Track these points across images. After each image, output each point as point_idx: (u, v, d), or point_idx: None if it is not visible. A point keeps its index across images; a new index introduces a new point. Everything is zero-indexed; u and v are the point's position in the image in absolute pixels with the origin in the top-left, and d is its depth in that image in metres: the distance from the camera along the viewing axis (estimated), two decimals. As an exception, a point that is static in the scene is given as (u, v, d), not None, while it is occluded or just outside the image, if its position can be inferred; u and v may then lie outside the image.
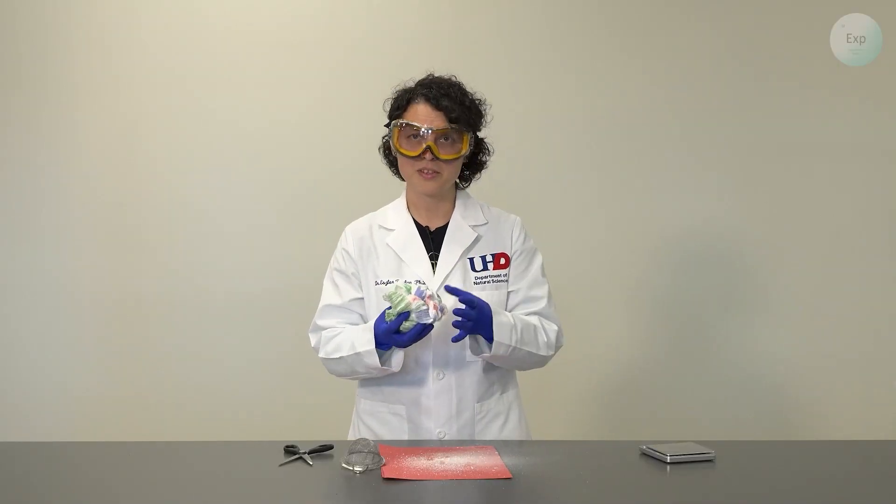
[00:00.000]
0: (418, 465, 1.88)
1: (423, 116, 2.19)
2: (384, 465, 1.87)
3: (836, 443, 2.30)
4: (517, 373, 2.37)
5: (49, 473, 1.90)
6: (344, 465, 1.87)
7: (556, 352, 2.29)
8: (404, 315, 2.07)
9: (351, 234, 2.31)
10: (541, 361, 2.27)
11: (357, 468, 1.85)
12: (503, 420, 2.28)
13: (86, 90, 3.44)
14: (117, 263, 3.46)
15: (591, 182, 3.48)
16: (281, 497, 1.76)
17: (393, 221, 2.30)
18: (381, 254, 2.27)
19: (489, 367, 2.26)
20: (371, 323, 2.17)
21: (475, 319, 2.10)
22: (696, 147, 3.50)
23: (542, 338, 2.24)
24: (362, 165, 3.41)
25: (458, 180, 2.32)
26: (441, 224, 2.30)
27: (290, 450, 1.98)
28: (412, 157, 2.19)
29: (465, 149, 2.22)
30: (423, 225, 2.30)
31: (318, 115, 3.45)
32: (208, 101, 3.45)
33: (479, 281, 2.25)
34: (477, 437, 2.23)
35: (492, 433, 2.25)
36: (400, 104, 2.24)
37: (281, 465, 1.91)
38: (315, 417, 3.25)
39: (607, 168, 3.48)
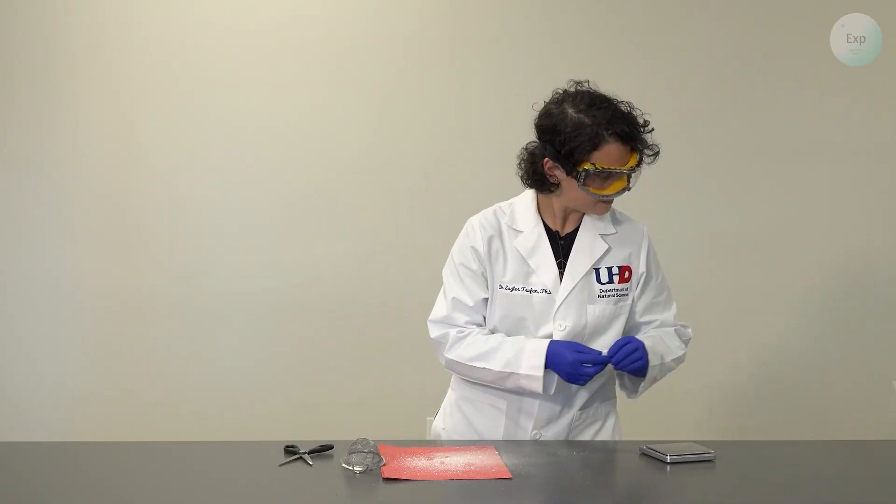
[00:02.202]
0: (418, 465, 1.88)
1: (618, 158, 2.05)
2: (384, 465, 1.87)
3: (836, 443, 2.30)
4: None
5: (49, 473, 1.89)
6: (344, 465, 1.87)
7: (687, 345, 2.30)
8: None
9: (480, 232, 2.17)
10: (681, 360, 2.28)
11: (357, 468, 1.85)
12: (599, 426, 2.24)
13: (86, 90, 3.44)
14: (117, 264, 3.46)
15: (591, 182, 3.47)
16: (281, 497, 1.76)
17: (522, 223, 2.19)
18: (509, 256, 2.17)
19: (596, 378, 2.17)
20: (541, 346, 2.08)
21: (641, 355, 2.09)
22: (696, 147, 3.50)
23: (674, 342, 2.24)
24: (362, 166, 3.43)
25: None
26: (571, 229, 2.20)
27: (290, 450, 1.98)
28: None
29: (640, 171, 2.10)
30: (553, 229, 2.19)
31: (319, 116, 3.44)
32: (208, 101, 3.44)
33: (602, 294, 2.17)
34: (568, 439, 2.19)
35: (584, 437, 2.21)
36: (583, 144, 2.04)
37: (281, 465, 1.91)
38: (315, 417, 3.25)
39: (607, 168, 3.47)
